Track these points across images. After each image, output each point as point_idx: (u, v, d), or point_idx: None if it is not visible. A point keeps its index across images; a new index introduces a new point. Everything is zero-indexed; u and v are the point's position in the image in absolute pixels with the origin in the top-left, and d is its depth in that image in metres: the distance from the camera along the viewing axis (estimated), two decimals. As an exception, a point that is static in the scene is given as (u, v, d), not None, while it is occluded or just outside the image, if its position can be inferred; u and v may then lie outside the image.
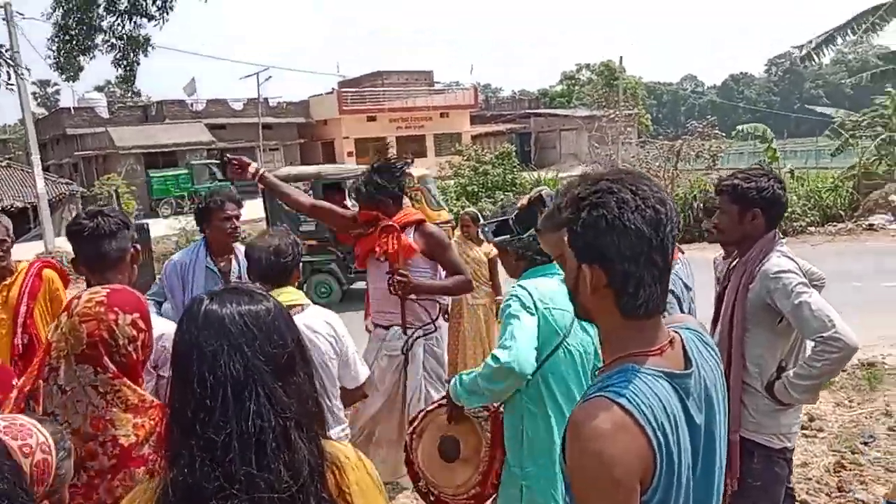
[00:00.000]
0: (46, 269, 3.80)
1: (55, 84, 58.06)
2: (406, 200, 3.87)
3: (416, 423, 2.71)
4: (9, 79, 8.20)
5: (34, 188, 22.00)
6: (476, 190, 19.18)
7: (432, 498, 2.62)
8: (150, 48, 15.39)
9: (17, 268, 3.82)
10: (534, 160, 37.97)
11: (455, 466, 2.59)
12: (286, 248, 2.69)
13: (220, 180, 30.46)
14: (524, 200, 2.57)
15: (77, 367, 1.70)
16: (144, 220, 17.41)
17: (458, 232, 6.41)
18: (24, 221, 26.06)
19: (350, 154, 35.75)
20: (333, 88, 38.00)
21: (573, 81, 55.48)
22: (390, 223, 3.52)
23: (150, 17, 13.90)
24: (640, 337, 1.25)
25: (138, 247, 2.53)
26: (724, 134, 21.38)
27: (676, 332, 1.34)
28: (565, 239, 1.28)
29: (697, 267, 3.52)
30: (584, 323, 2.02)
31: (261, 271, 2.65)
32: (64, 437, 1.42)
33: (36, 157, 18.90)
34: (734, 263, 2.76)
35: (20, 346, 3.46)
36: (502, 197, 18.31)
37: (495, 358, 2.29)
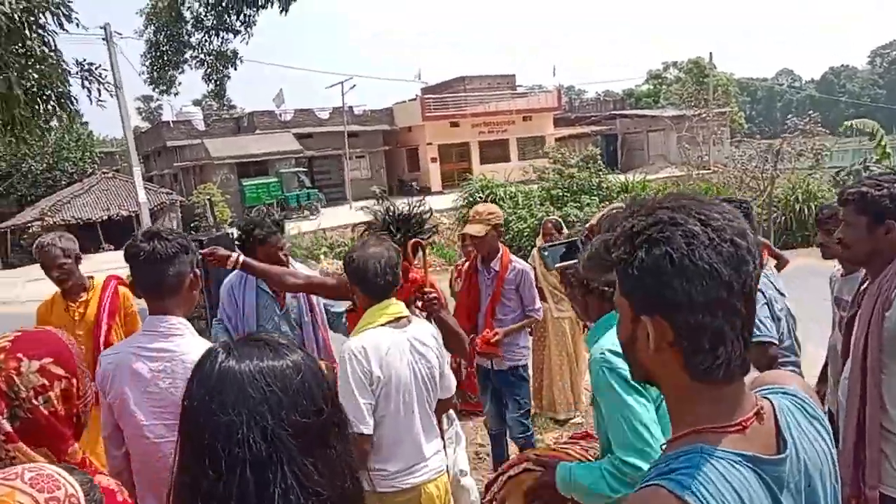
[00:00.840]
0: (121, 287, 3.79)
1: (157, 99, 61.37)
2: None
3: (495, 490, 2.33)
4: (99, 95, 8.46)
5: (137, 197, 23.17)
6: (561, 194, 18.70)
7: None
8: (238, 62, 15.94)
9: (92, 283, 3.82)
10: (620, 163, 36.94)
11: None
12: (393, 256, 2.53)
13: (308, 187, 31.28)
14: (594, 220, 2.22)
15: None
16: (231, 230, 17.93)
17: (539, 240, 6.10)
18: (129, 229, 27.56)
19: (434, 160, 35.87)
20: (417, 95, 38.29)
21: (660, 80, 53.80)
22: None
23: (236, 32, 14.34)
24: (715, 407, 0.97)
25: (198, 272, 2.38)
26: (827, 130, 20.01)
27: (767, 398, 1.02)
28: (617, 286, 1.00)
29: (798, 278, 3.09)
30: None
31: (375, 287, 2.50)
32: (94, 488, 1.24)
33: (136, 169, 19.84)
34: (865, 285, 2.35)
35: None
36: (588, 201, 17.77)
37: (634, 466, 1.92)
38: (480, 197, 19.47)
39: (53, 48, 7.20)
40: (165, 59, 14.65)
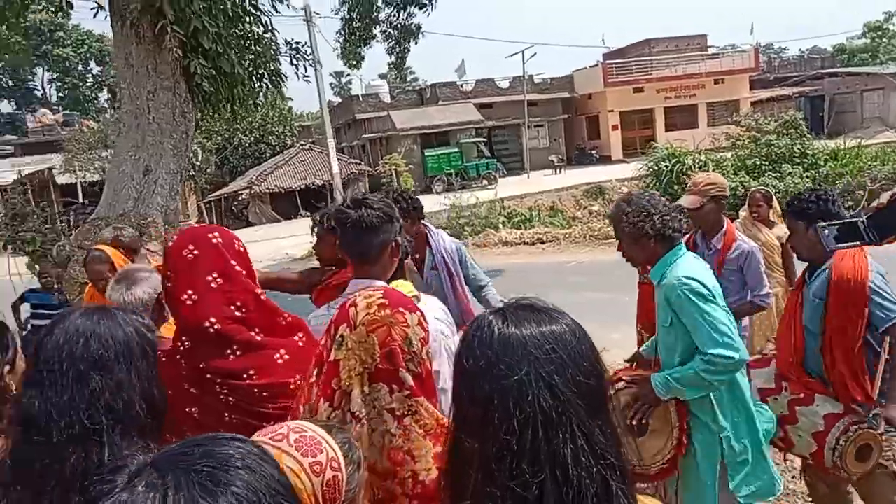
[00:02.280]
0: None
1: (348, 74, 64.93)
2: None
3: None
4: (305, 72, 9.11)
5: (331, 168, 24.81)
6: (758, 163, 17.28)
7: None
8: (421, 35, 16.39)
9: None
10: (827, 127, 33.36)
11: (644, 440, 2.77)
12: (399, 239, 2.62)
13: (487, 157, 31.67)
14: (883, 199, 2.05)
15: (371, 389, 1.44)
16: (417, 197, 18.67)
17: (743, 213, 5.64)
18: (322, 197, 29.70)
19: (615, 127, 34.72)
20: (598, 61, 37.10)
21: (881, 33, 47.52)
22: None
23: (422, 6, 14.73)
24: None
25: (400, 240, 2.48)
26: None
27: None
28: None
29: None
30: None
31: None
32: (353, 448, 1.26)
33: (330, 141, 21.23)
34: None
35: None
36: (790, 170, 16.29)
37: (725, 357, 2.57)
38: (666, 166, 18.56)
39: (270, 28, 7.83)
40: (357, 35, 15.40)
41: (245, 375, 1.83)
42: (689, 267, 2.72)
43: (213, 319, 1.83)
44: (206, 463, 0.73)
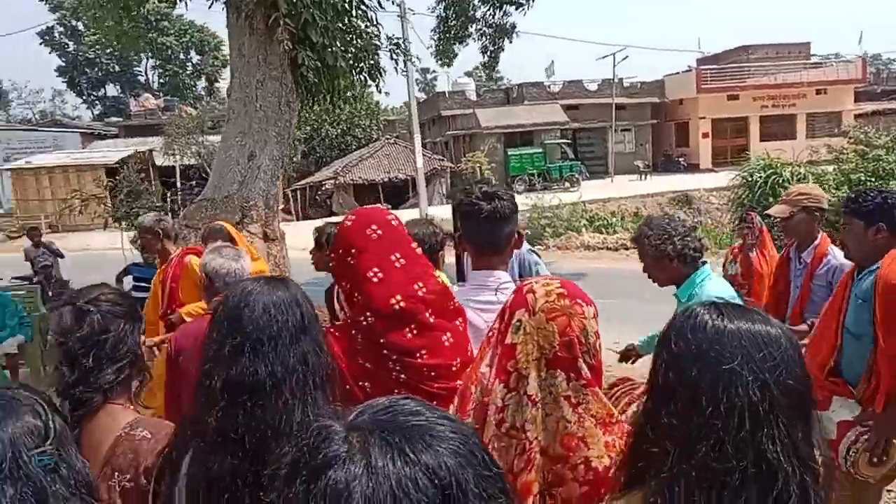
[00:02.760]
0: (190, 256, 4.58)
1: (433, 71, 65.46)
2: None
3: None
4: (404, 67, 9.25)
5: (414, 163, 25.12)
6: (863, 178, 16.36)
7: None
8: (515, 34, 16.34)
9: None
10: (939, 144, 31.33)
11: None
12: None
13: (570, 159, 31.34)
14: None
15: (548, 374, 1.46)
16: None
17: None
18: (404, 191, 30.10)
19: (706, 135, 33.68)
20: (689, 66, 36.04)
21: None
22: None
23: (519, 5, 14.68)
24: None
25: (520, 231, 2.52)
26: None
27: None
28: None
29: None
30: None
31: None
32: None
33: (417, 137, 21.47)
34: None
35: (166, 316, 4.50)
36: (897, 188, 15.36)
37: None
38: (760, 177, 17.83)
39: (374, 23, 8.01)
40: (452, 33, 15.49)
41: (418, 354, 1.89)
42: (717, 287, 2.88)
43: (398, 297, 1.89)
44: (409, 422, 0.76)
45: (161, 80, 57.43)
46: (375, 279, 1.91)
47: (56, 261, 10.81)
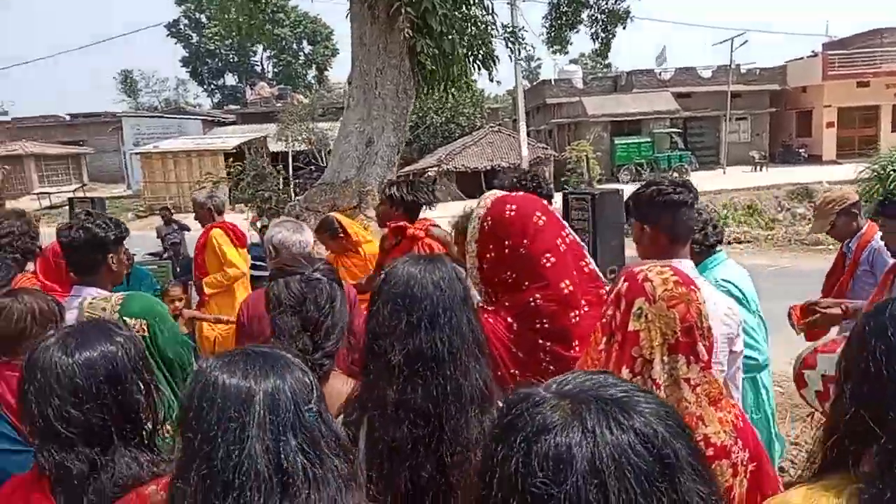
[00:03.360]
0: (215, 230, 4.92)
1: (537, 59, 64.66)
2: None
3: None
4: (519, 54, 9.23)
5: (517, 151, 25.03)
6: None
7: None
8: (630, 20, 15.91)
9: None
10: None
11: None
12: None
13: (680, 149, 30.24)
14: None
15: (670, 359, 1.52)
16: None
17: None
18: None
19: (830, 125, 31.59)
20: (814, 51, 33.83)
21: None
22: (415, 231, 3.67)
23: (635, -10, 14.29)
24: None
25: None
26: None
27: None
28: None
29: None
30: None
31: None
32: None
33: (522, 125, 21.42)
34: None
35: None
36: None
37: (749, 358, 2.72)
38: (893, 170, 16.58)
39: (490, 11, 8.05)
40: (564, 20, 15.27)
41: (574, 345, 1.93)
42: (728, 271, 3.00)
43: (567, 282, 1.96)
44: (614, 393, 0.79)
45: (275, 70, 59.84)
46: (548, 264, 1.96)
47: (183, 238, 11.57)
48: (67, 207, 12.86)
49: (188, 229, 11.73)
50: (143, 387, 1.37)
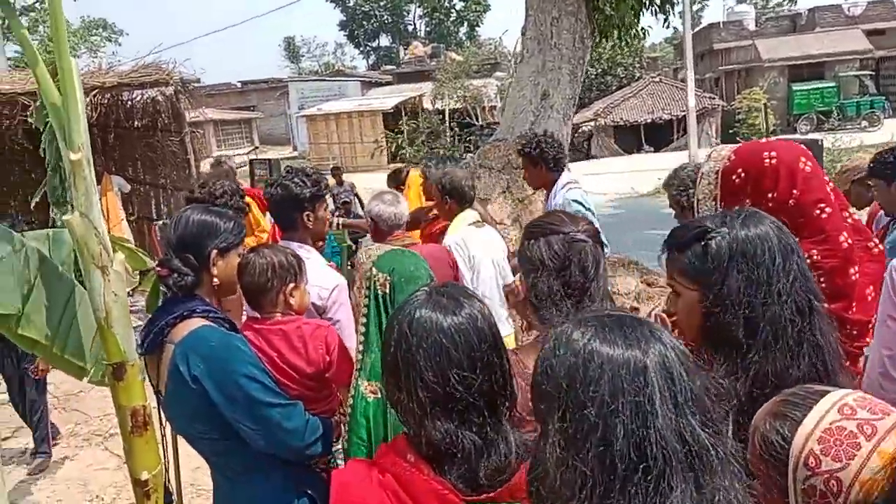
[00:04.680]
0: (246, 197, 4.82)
1: (700, 2, 60.17)
2: None
3: None
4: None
5: (681, 102, 23.54)
6: None
7: None
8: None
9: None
10: None
11: None
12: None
13: (871, 94, 27.08)
14: None
15: None
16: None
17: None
18: (666, 133, 28.50)
19: None
20: None
21: None
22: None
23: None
24: None
25: None
26: None
27: None
28: None
29: None
30: None
31: (466, 196, 3.71)
32: None
33: (690, 72, 20.07)
34: None
35: None
36: None
37: None
38: None
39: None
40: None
41: (854, 304, 1.75)
42: None
43: (845, 234, 1.75)
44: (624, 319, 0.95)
45: (427, 28, 60.39)
46: (824, 215, 1.75)
47: (354, 199, 12.07)
48: (248, 168, 13.78)
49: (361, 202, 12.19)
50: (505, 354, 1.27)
